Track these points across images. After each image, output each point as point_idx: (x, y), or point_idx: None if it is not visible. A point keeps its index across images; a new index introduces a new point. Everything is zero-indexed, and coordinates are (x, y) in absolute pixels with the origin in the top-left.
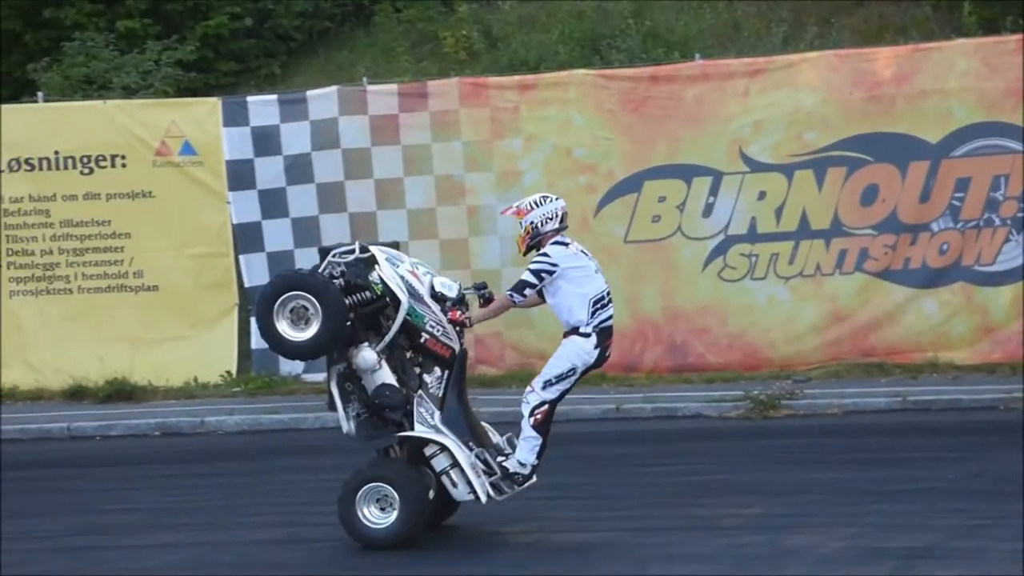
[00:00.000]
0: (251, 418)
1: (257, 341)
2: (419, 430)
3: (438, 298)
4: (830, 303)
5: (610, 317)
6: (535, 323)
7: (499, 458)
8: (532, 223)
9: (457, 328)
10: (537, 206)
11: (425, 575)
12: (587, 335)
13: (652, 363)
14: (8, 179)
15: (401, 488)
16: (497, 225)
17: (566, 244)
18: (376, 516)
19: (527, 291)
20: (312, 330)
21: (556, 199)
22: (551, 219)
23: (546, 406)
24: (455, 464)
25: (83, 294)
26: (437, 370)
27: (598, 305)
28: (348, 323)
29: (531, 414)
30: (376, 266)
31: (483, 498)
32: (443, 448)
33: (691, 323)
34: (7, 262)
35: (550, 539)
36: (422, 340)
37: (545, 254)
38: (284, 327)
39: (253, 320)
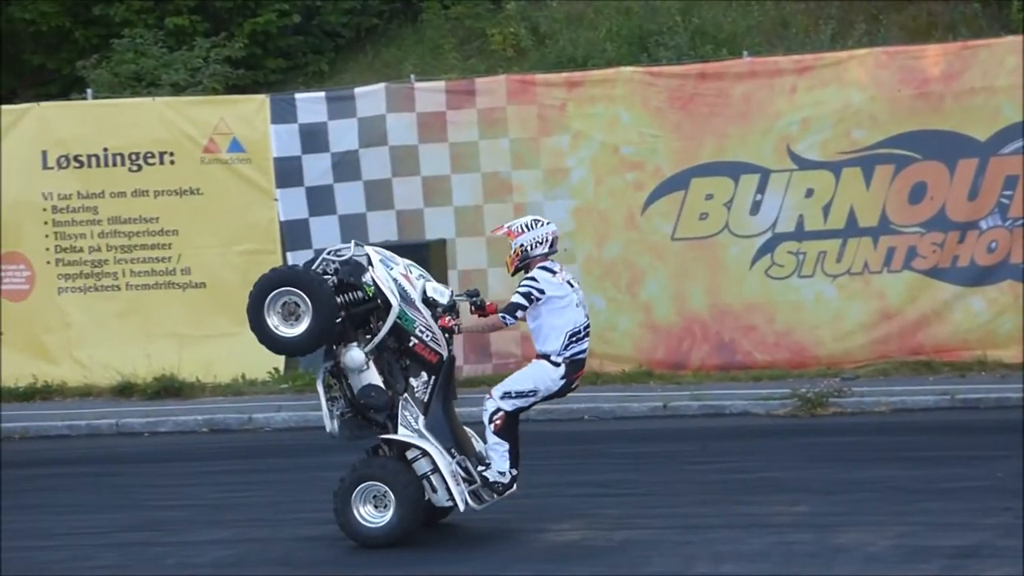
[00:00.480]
0: (298, 415)
1: None
2: (402, 433)
3: (429, 303)
4: (878, 301)
5: (584, 351)
6: None
7: (480, 467)
8: (522, 245)
9: (446, 334)
10: (528, 229)
11: (472, 574)
12: (556, 364)
13: (699, 361)
14: (57, 176)
15: (396, 487)
16: None
17: (554, 272)
18: (372, 515)
19: (519, 313)
20: (302, 326)
21: (547, 223)
22: (541, 243)
23: (502, 413)
24: (435, 470)
25: (131, 291)
26: (424, 375)
27: (574, 338)
28: (338, 321)
29: (490, 421)
30: (370, 267)
31: (461, 506)
32: (424, 453)
33: (738, 321)
34: (56, 259)
35: (596, 536)
36: (410, 344)
37: (533, 278)
38: (275, 322)
39: None
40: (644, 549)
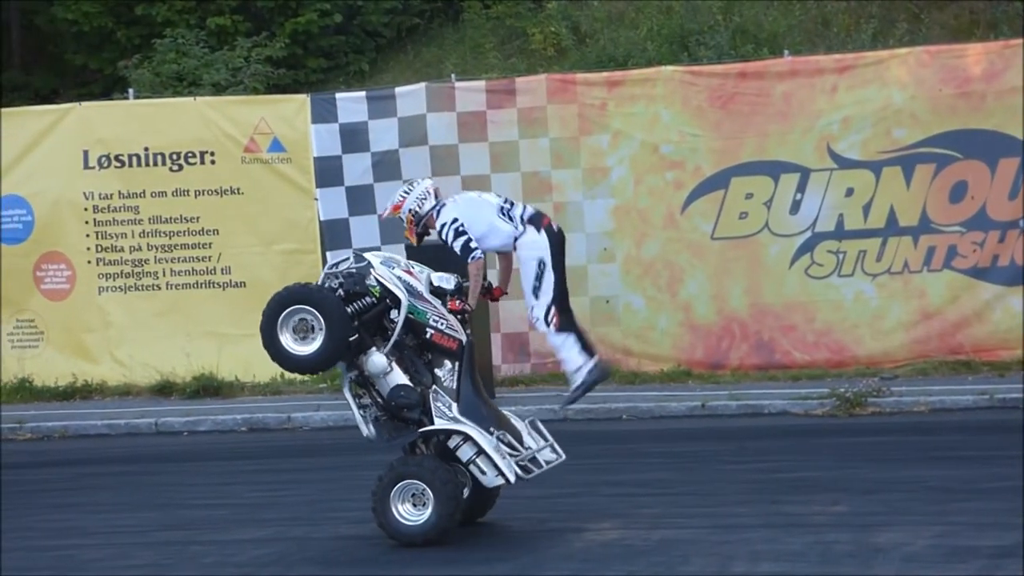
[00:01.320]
0: (337, 414)
1: None
2: (439, 424)
3: (437, 292)
4: (918, 300)
5: (524, 207)
6: (621, 319)
7: (530, 451)
8: (411, 210)
9: (459, 317)
10: (408, 193)
11: (509, 573)
12: (523, 232)
13: (738, 360)
14: (98, 176)
15: (434, 484)
16: (584, 222)
17: (445, 204)
18: (410, 513)
19: (472, 245)
20: (316, 343)
21: (422, 180)
22: (425, 198)
23: (552, 308)
24: (480, 452)
25: (171, 290)
26: (447, 363)
27: (508, 211)
28: (353, 333)
29: (547, 323)
30: (372, 270)
31: (512, 479)
32: (466, 438)
33: (778, 320)
34: (97, 258)
35: (634, 536)
36: (428, 336)
37: (443, 223)
38: (288, 341)
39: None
40: (682, 548)
